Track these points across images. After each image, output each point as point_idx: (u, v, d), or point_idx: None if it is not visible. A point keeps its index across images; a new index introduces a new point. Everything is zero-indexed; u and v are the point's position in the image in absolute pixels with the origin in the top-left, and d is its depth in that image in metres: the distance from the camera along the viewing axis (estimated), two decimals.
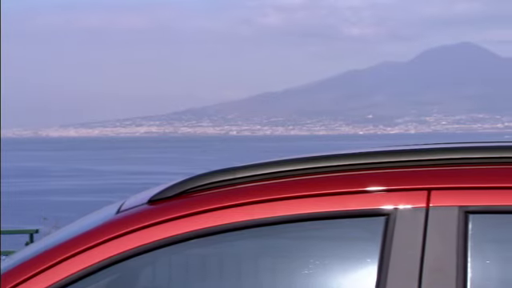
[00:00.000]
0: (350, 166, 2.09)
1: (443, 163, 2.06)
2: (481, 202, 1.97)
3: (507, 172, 2.01)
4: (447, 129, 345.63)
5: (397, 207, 2.00)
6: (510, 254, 1.99)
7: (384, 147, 2.28)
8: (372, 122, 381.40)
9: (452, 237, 1.96)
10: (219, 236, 2.07)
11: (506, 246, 2.00)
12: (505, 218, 1.97)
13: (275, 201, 2.07)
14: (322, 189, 2.06)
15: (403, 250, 1.98)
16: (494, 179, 2.00)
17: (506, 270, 1.98)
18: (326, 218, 2.04)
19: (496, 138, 45.13)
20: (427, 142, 2.71)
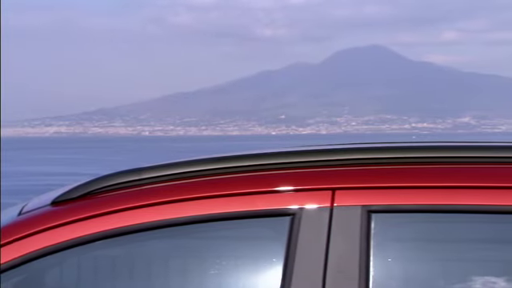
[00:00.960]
0: (259, 166, 2.13)
1: (348, 163, 2.11)
2: (383, 201, 2.03)
3: (408, 172, 2.08)
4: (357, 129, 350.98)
5: (302, 207, 2.05)
6: (412, 253, 2.06)
7: (293, 147, 2.33)
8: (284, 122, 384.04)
9: (355, 236, 2.01)
10: (128, 236, 2.05)
11: (407, 245, 2.07)
12: (406, 217, 2.04)
13: (185, 201, 2.08)
14: (232, 189, 2.09)
15: (308, 250, 2.02)
16: (396, 179, 2.06)
17: (408, 268, 2.05)
18: (236, 218, 2.07)
19: (404, 138, 46.27)
20: (337, 142, 2.75)
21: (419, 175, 2.08)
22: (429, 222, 2.05)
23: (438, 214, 2.03)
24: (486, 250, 2.07)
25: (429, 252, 2.06)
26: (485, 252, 2.07)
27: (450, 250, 2.07)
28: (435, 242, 2.07)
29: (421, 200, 2.03)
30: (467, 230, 2.07)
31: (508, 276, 2.00)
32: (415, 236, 2.08)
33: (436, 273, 2.04)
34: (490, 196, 2.01)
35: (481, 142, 2.31)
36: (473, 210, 2.01)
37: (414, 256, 2.06)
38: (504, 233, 2.05)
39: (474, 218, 2.03)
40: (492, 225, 2.04)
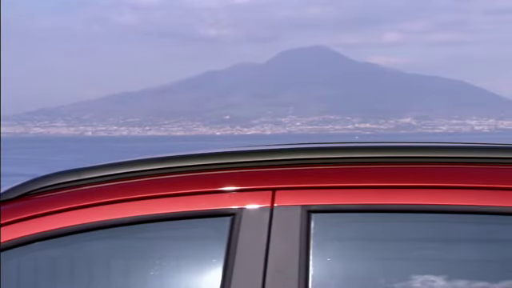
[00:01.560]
0: (201, 167, 2.15)
1: (288, 164, 2.14)
2: (323, 201, 2.06)
3: (348, 172, 2.12)
4: (301, 130, 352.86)
5: (242, 207, 2.07)
6: (352, 252, 2.10)
7: (235, 148, 2.33)
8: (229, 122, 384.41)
9: (295, 236, 2.04)
10: (70, 237, 2.04)
11: (347, 244, 2.10)
12: (346, 217, 2.08)
13: (128, 201, 2.08)
14: (173, 189, 2.10)
15: (248, 250, 2.04)
16: (335, 179, 2.09)
17: (348, 267, 2.08)
18: (178, 219, 2.09)
19: (347, 138, 47.00)
20: (282, 142, 2.78)
21: (359, 175, 2.10)
22: (368, 222, 2.09)
23: (377, 214, 2.07)
24: (425, 248, 2.09)
25: (368, 251, 2.09)
26: (424, 251, 2.09)
27: (390, 249, 2.11)
28: (375, 242, 2.10)
29: (360, 200, 2.06)
30: (406, 230, 2.10)
31: (447, 274, 2.03)
32: (355, 235, 2.10)
33: (376, 272, 2.08)
34: (429, 196, 2.05)
35: (421, 142, 2.34)
36: (412, 209, 2.05)
37: (353, 255, 2.09)
38: (442, 232, 2.08)
39: (413, 218, 2.07)
40: (431, 224, 2.07)
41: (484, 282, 2.00)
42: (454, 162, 2.11)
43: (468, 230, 2.08)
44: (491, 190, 2.03)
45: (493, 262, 2.06)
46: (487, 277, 2.01)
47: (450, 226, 2.07)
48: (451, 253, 2.09)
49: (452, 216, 2.05)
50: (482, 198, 2.02)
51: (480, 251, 2.08)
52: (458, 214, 2.04)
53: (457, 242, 2.09)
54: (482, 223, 2.05)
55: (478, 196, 2.03)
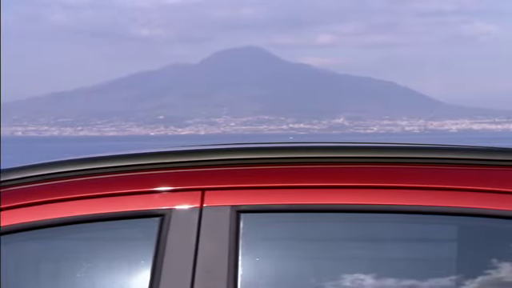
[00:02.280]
0: (131, 167, 2.13)
1: (218, 164, 2.14)
2: (252, 201, 2.08)
3: (277, 172, 2.14)
4: (236, 130, 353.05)
5: (172, 208, 2.07)
6: (281, 252, 2.13)
7: (166, 148, 2.31)
8: (163, 122, 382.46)
9: (224, 236, 2.05)
10: (1, 238, 2.02)
11: (277, 244, 2.13)
12: (276, 217, 2.11)
13: (58, 202, 2.05)
14: (103, 190, 2.08)
15: (177, 250, 2.04)
16: (265, 179, 2.12)
17: (277, 267, 2.11)
18: (107, 219, 2.07)
19: (281, 138, 47.04)
20: (215, 142, 2.77)
21: (289, 175, 2.13)
22: (298, 222, 2.12)
23: (307, 214, 2.09)
24: (354, 248, 2.13)
25: (298, 251, 2.12)
26: (353, 250, 2.12)
27: (320, 249, 2.13)
28: (304, 241, 2.13)
29: (290, 200, 2.08)
30: (336, 229, 2.14)
31: (376, 273, 2.06)
32: (284, 235, 2.13)
33: (305, 271, 2.10)
34: (358, 195, 2.08)
35: (352, 142, 2.37)
36: (342, 209, 2.08)
37: (283, 255, 2.11)
38: (372, 231, 2.12)
39: (342, 217, 2.10)
40: (360, 223, 2.11)
41: (412, 280, 2.04)
42: (383, 162, 2.14)
43: (397, 230, 2.12)
44: (419, 189, 2.06)
45: (421, 260, 2.10)
46: (415, 275, 2.05)
47: (379, 225, 2.11)
48: (380, 252, 2.12)
49: (381, 215, 2.08)
50: (410, 197, 2.05)
51: (408, 250, 2.12)
52: (387, 213, 2.07)
53: (386, 241, 2.13)
54: (410, 222, 2.09)
55: (406, 196, 2.06)
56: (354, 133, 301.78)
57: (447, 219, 2.06)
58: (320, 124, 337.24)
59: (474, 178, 2.07)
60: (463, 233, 2.10)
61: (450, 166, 2.10)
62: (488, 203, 2.01)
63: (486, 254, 2.04)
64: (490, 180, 2.05)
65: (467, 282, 2.00)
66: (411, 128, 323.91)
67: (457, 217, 2.04)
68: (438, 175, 2.09)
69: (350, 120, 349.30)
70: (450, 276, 2.04)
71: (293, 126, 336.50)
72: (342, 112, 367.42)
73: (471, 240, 2.08)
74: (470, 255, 2.07)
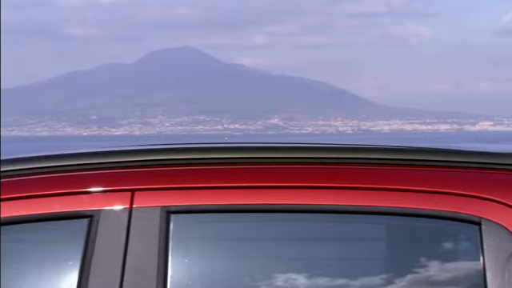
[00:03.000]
0: (61, 168, 2.11)
1: (148, 164, 2.14)
2: (182, 201, 2.09)
3: (207, 172, 2.16)
4: (171, 130, 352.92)
5: (100, 209, 2.06)
6: (212, 252, 2.15)
7: (96, 148, 2.29)
8: (96, 123, 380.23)
9: (154, 237, 2.05)
10: None
11: (207, 244, 2.15)
12: (206, 217, 2.12)
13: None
14: (33, 191, 2.06)
15: (106, 252, 2.03)
16: (195, 180, 2.13)
17: (207, 267, 2.13)
18: (37, 221, 2.05)
19: (216, 139, 48.80)
20: (150, 143, 2.76)
21: (219, 175, 2.14)
22: (229, 222, 2.14)
23: (238, 214, 2.11)
24: (286, 247, 2.15)
25: (229, 251, 2.14)
26: (285, 250, 2.15)
27: (251, 249, 2.16)
28: (235, 241, 2.16)
29: (221, 200, 2.09)
30: (268, 229, 2.16)
31: (308, 273, 2.09)
32: (215, 235, 2.15)
33: (236, 271, 2.13)
34: (290, 195, 2.10)
35: (285, 142, 2.43)
36: (273, 209, 2.10)
37: (213, 255, 2.13)
38: (304, 231, 2.16)
39: (274, 217, 2.13)
40: (292, 223, 2.14)
41: (344, 279, 2.07)
42: (314, 163, 2.17)
43: (327, 229, 2.15)
44: (350, 189, 2.09)
45: (352, 259, 2.14)
46: (347, 274, 2.08)
47: (310, 224, 2.14)
48: (311, 251, 2.15)
49: (311, 215, 2.11)
50: (340, 197, 2.08)
51: (339, 249, 2.16)
52: (318, 213, 2.10)
53: (317, 240, 2.17)
54: (341, 222, 2.13)
55: (336, 195, 2.09)
56: (289, 133, 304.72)
57: (377, 218, 2.09)
58: (255, 124, 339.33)
59: (402, 177, 2.10)
60: (392, 232, 2.14)
61: (379, 166, 2.13)
62: (416, 203, 2.04)
63: (414, 252, 2.07)
64: (418, 180, 2.07)
65: (397, 280, 2.04)
66: (345, 128, 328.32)
67: (386, 216, 2.07)
68: (367, 175, 2.12)
69: (284, 120, 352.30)
70: (380, 275, 2.07)
71: (228, 127, 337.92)
72: (276, 112, 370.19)
73: (400, 239, 2.11)
74: (400, 254, 2.11)
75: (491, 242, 1.98)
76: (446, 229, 2.04)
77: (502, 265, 1.97)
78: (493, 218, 2.00)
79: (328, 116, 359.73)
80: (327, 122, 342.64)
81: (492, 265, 1.98)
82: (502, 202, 2.01)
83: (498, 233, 1.98)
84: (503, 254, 1.97)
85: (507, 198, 2.01)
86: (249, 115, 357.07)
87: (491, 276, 1.97)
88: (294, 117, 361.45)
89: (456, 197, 2.02)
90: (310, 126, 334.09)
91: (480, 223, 2.00)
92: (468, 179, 2.06)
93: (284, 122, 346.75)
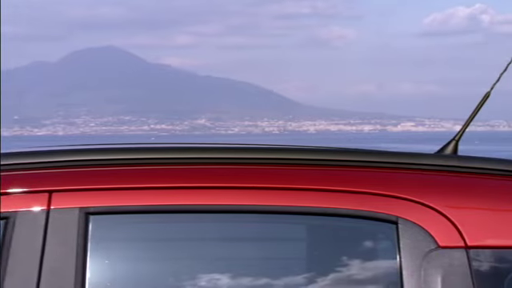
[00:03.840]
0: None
1: (66, 165, 2.11)
2: (101, 203, 2.06)
3: (127, 173, 2.13)
4: (96, 131, 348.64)
5: (17, 210, 2.03)
6: (131, 253, 2.13)
7: (13, 149, 2.26)
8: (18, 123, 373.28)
9: (72, 238, 2.02)
10: None
11: (127, 246, 2.13)
12: (126, 218, 2.10)
13: None
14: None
15: (22, 254, 2.00)
16: (114, 180, 2.10)
17: (127, 268, 2.12)
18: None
19: (143, 139, 47.30)
20: (73, 143, 2.68)
21: (139, 176, 2.12)
22: (149, 223, 2.13)
23: (159, 215, 2.10)
24: (208, 248, 2.15)
25: (150, 252, 2.14)
26: (207, 250, 2.15)
27: (173, 250, 2.16)
28: (156, 242, 2.15)
29: (141, 201, 2.08)
30: (190, 230, 2.16)
31: (231, 273, 2.10)
32: (135, 237, 2.13)
33: (158, 272, 2.11)
34: (212, 196, 2.10)
35: (209, 143, 2.43)
36: (195, 209, 2.10)
37: (135, 256, 2.12)
38: (226, 231, 2.17)
39: (196, 218, 2.13)
40: (214, 224, 2.14)
41: (266, 279, 2.09)
42: (236, 163, 2.17)
43: (250, 229, 2.17)
44: (271, 189, 2.11)
45: (274, 259, 2.17)
46: (269, 274, 2.10)
47: (232, 225, 2.15)
48: (234, 251, 2.17)
49: (234, 215, 2.12)
50: (262, 197, 2.10)
51: (262, 249, 2.18)
52: (240, 213, 2.11)
53: (239, 240, 2.18)
54: (263, 222, 2.14)
55: (258, 196, 2.10)
56: (216, 133, 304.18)
57: (298, 218, 2.12)
58: (182, 125, 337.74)
59: (323, 177, 2.13)
60: (313, 232, 2.17)
61: (301, 167, 2.16)
62: (336, 202, 2.07)
63: (334, 252, 2.11)
64: (338, 180, 2.11)
65: (318, 279, 2.07)
66: (271, 129, 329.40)
67: (307, 216, 2.10)
68: (289, 175, 2.14)
69: (211, 121, 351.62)
70: (302, 274, 2.10)
71: (154, 127, 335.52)
72: (203, 113, 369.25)
73: (321, 239, 2.15)
74: (320, 253, 2.14)
75: (408, 240, 2.03)
76: (366, 228, 2.08)
77: (418, 263, 2.02)
78: (409, 218, 2.04)
79: (254, 116, 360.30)
80: (253, 122, 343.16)
81: (408, 263, 2.02)
82: (419, 201, 2.06)
83: (414, 232, 2.03)
84: (419, 252, 2.02)
85: (423, 198, 2.06)
86: (175, 115, 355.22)
87: (407, 274, 2.02)
88: (220, 117, 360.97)
89: (374, 196, 2.07)
90: (237, 127, 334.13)
91: (397, 222, 2.05)
92: (386, 179, 2.11)
93: (211, 123, 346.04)
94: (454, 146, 2.24)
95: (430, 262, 2.01)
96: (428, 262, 2.01)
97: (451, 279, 2.00)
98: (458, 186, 2.10)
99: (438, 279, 2.00)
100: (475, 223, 2.04)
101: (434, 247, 2.02)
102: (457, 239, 2.03)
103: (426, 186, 2.09)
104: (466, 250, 2.02)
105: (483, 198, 2.07)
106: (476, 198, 2.07)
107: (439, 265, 2.01)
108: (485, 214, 2.05)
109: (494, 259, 2.01)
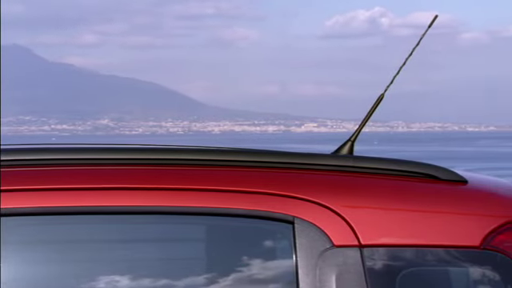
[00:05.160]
0: None
1: None
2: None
3: (24, 174, 2.09)
4: None
5: None
6: (29, 255, 2.08)
7: None
8: None
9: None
10: None
11: (25, 247, 2.08)
12: (23, 220, 2.06)
13: None
14: None
15: None
16: (11, 181, 2.06)
17: (24, 270, 2.07)
18: None
19: (43, 140, 45.98)
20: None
21: (33, 178, 2.09)
22: (49, 225, 2.08)
23: (58, 216, 2.07)
24: (108, 249, 2.13)
25: (50, 253, 2.10)
26: (108, 252, 2.13)
27: (73, 251, 2.11)
28: (56, 244, 2.11)
29: (40, 202, 2.05)
30: (89, 231, 2.12)
31: (131, 274, 2.09)
32: (35, 239, 2.10)
33: (56, 274, 2.08)
34: (111, 197, 2.08)
35: (114, 144, 2.34)
36: (93, 211, 2.07)
37: (33, 259, 2.09)
38: (125, 232, 2.15)
39: (94, 219, 2.09)
40: (114, 225, 2.12)
41: (167, 279, 2.09)
42: (139, 164, 2.17)
43: (150, 230, 2.16)
44: (170, 190, 2.11)
45: (175, 260, 2.16)
46: (170, 275, 2.10)
47: (132, 226, 2.13)
48: (135, 252, 2.14)
49: (134, 217, 2.10)
50: (162, 198, 2.10)
51: (162, 250, 2.17)
52: (140, 214, 2.10)
53: (139, 241, 2.16)
54: (163, 223, 2.14)
55: (158, 196, 2.10)
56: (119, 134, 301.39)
57: (197, 219, 2.13)
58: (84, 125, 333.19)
59: (221, 178, 2.14)
60: (211, 232, 2.17)
61: (199, 167, 2.17)
62: (233, 203, 2.10)
63: (232, 252, 2.13)
64: (236, 180, 2.14)
65: (218, 280, 2.09)
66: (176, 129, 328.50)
67: (206, 216, 2.12)
68: (188, 176, 2.15)
69: (114, 121, 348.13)
70: (203, 275, 2.11)
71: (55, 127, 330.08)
72: (106, 113, 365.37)
73: (219, 239, 2.15)
74: (218, 254, 2.15)
75: (303, 240, 2.07)
76: (263, 228, 2.11)
77: (314, 262, 2.06)
78: (305, 217, 2.08)
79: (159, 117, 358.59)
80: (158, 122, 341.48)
81: (304, 263, 2.06)
82: (315, 201, 2.10)
83: (310, 231, 2.07)
84: (315, 251, 2.06)
85: (319, 198, 2.10)
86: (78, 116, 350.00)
87: (303, 273, 2.05)
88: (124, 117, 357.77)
89: (271, 196, 2.10)
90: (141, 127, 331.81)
91: (293, 222, 2.08)
92: (282, 179, 2.15)
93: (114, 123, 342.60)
94: (349, 146, 2.30)
95: (325, 261, 2.06)
96: (323, 260, 2.06)
97: (345, 277, 2.05)
98: (352, 185, 2.15)
99: (333, 278, 2.05)
100: (369, 222, 2.09)
101: (328, 246, 2.06)
102: (351, 238, 2.07)
103: (321, 186, 2.13)
104: (359, 248, 2.07)
105: (377, 197, 2.12)
106: (370, 197, 2.12)
107: (334, 263, 2.06)
108: (378, 213, 2.10)
109: (387, 257, 2.07)
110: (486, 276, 2.08)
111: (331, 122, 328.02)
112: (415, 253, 2.07)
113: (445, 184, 2.18)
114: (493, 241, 2.09)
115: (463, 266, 2.10)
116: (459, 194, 2.17)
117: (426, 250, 2.07)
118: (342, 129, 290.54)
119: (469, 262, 2.09)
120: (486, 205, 2.15)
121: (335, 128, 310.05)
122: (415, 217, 2.10)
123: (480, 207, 2.14)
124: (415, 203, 2.12)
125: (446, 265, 2.10)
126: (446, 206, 2.13)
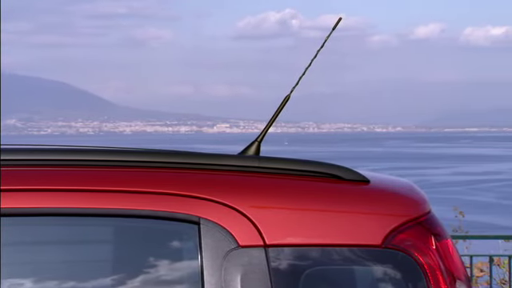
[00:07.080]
0: None
1: None
2: None
3: None
4: None
5: None
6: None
7: None
8: None
9: None
10: None
11: None
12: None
13: None
14: None
15: None
16: None
17: None
18: None
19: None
20: None
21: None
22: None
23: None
24: (11, 252, 2.08)
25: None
26: (11, 254, 2.07)
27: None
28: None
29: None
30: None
31: (36, 277, 2.07)
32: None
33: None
34: (10, 198, 2.04)
35: (19, 144, 2.32)
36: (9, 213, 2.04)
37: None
38: (29, 234, 2.10)
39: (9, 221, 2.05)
40: (16, 226, 2.07)
41: (73, 282, 2.07)
42: (38, 165, 2.14)
43: (56, 232, 2.12)
44: (72, 191, 2.07)
45: (82, 262, 2.13)
46: (77, 277, 2.08)
47: (36, 228, 2.10)
48: (39, 255, 2.11)
49: (37, 218, 2.07)
50: (63, 199, 2.07)
51: (69, 252, 2.13)
52: (43, 216, 2.07)
53: (45, 243, 2.12)
54: (69, 225, 2.11)
55: (62, 198, 2.07)
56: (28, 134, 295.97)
57: (99, 220, 2.10)
58: None
59: (122, 179, 2.12)
60: (115, 233, 2.15)
61: (100, 168, 2.15)
62: (134, 203, 2.08)
63: (136, 253, 2.11)
64: (137, 181, 2.12)
65: (127, 281, 2.08)
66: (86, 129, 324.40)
67: (108, 218, 2.09)
68: (87, 176, 2.12)
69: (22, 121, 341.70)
70: (109, 276, 2.10)
71: None
72: (13, 113, 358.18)
73: (122, 240, 2.13)
74: (122, 255, 2.13)
75: (209, 240, 2.07)
76: (169, 229, 2.10)
77: (219, 263, 2.07)
78: (211, 218, 2.09)
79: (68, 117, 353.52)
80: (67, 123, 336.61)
81: (209, 263, 2.07)
82: (220, 201, 2.10)
83: (216, 232, 2.08)
84: (220, 252, 2.07)
85: (225, 198, 2.11)
86: None
87: (208, 274, 2.06)
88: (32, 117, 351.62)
89: (177, 197, 2.09)
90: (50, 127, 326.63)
91: (199, 223, 2.08)
92: (187, 180, 2.14)
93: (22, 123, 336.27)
94: (256, 147, 2.32)
95: (230, 261, 2.07)
96: (228, 261, 2.07)
97: (250, 277, 2.06)
98: (258, 186, 2.17)
99: (238, 278, 2.06)
100: (274, 222, 2.10)
101: (234, 246, 2.07)
102: (256, 238, 2.09)
103: (227, 187, 2.14)
104: (264, 248, 2.09)
105: (283, 197, 2.14)
106: (275, 198, 2.14)
107: (239, 263, 2.07)
108: (284, 213, 2.12)
109: (292, 257, 2.09)
110: (387, 274, 2.12)
111: (244, 123, 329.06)
112: (320, 252, 2.09)
113: (347, 184, 2.21)
114: (394, 239, 2.13)
115: (366, 265, 2.13)
116: (361, 193, 2.20)
117: (330, 249, 2.10)
118: (255, 129, 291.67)
119: (371, 261, 2.12)
120: (387, 204, 2.19)
121: (247, 129, 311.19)
122: (319, 216, 2.13)
123: (381, 206, 2.18)
124: (319, 203, 2.14)
125: (349, 263, 2.13)
126: (348, 205, 2.16)
